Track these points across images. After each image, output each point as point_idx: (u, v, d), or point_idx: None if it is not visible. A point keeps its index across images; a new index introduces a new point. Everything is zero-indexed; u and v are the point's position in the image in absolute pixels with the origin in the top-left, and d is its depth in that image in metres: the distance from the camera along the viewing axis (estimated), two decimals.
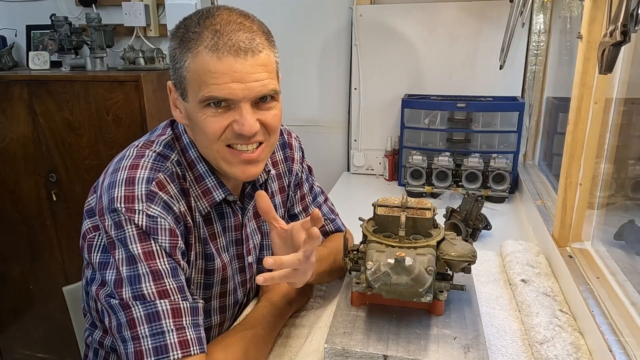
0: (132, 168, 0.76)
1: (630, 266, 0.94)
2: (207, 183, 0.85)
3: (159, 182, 0.76)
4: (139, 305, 0.70)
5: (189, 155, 0.85)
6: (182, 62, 0.75)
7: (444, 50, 1.83)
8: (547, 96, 1.78)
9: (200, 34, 0.74)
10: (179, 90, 0.78)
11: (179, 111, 0.82)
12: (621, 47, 0.69)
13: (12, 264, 2.20)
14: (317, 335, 0.90)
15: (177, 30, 0.77)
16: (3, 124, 2.00)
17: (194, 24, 0.75)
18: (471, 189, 1.66)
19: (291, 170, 1.06)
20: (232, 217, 0.91)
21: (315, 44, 1.98)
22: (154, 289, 0.70)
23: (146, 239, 0.72)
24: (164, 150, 0.82)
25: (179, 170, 0.82)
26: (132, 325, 0.70)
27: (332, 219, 1.13)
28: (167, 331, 0.69)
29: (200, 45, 0.73)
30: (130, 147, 0.83)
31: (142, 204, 0.73)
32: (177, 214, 0.77)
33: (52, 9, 2.18)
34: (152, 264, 0.71)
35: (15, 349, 2.37)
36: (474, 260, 0.84)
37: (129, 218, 0.72)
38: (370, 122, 1.98)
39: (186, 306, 0.72)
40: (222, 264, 0.89)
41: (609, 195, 1.11)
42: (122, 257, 0.72)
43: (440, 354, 0.76)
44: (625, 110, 1.05)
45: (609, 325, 0.80)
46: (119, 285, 0.71)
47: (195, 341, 0.71)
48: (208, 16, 0.75)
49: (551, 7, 1.71)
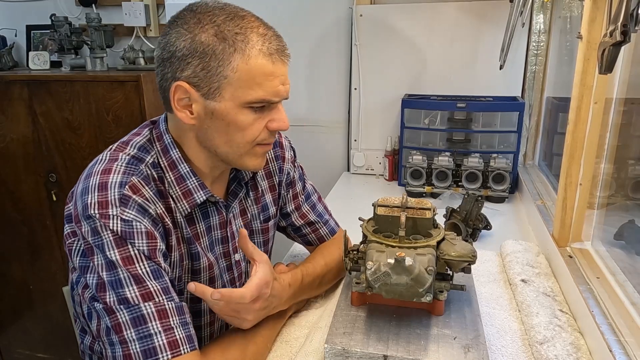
0: (105, 173, 0.75)
1: (630, 266, 0.94)
2: (188, 184, 0.83)
3: (132, 185, 0.75)
4: (123, 309, 0.69)
5: (169, 156, 0.83)
6: (226, 61, 0.74)
7: (444, 50, 1.83)
8: (547, 96, 1.78)
9: (247, 36, 0.74)
10: (205, 88, 0.76)
11: (188, 112, 0.79)
12: (621, 47, 0.69)
13: (12, 264, 2.20)
14: (317, 335, 0.90)
15: (203, 25, 0.74)
16: (3, 124, 2.00)
17: (229, 23, 0.75)
18: (471, 189, 1.66)
19: (282, 169, 1.05)
20: (216, 216, 0.90)
21: (315, 44, 1.98)
22: (137, 293, 0.70)
23: (123, 244, 0.71)
24: (138, 152, 0.81)
25: (154, 173, 0.80)
26: (119, 329, 0.69)
27: (325, 220, 1.12)
28: (154, 333, 0.69)
29: (254, 48, 0.75)
30: (105, 151, 0.82)
31: (116, 208, 0.72)
32: (153, 216, 0.76)
33: (52, 9, 2.18)
34: (131, 269, 0.71)
35: (15, 349, 2.37)
36: (474, 260, 0.84)
37: (104, 224, 0.71)
38: (370, 122, 1.98)
39: (172, 306, 0.72)
40: (209, 263, 0.88)
41: (609, 195, 1.11)
42: (102, 262, 0.71)
43: (440, 354, 0.76)
44: (625, 110, 1.05)
45: (609, 325, 0.80)
46: (101, 290, 0.71)
47: (184, 340, 0.71)
48: (238, 17, 0.76)
49: (551, 7, 1.71)
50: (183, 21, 0.76)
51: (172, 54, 0.76)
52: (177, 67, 0.76)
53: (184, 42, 0.75)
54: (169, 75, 0.78)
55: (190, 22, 0.75)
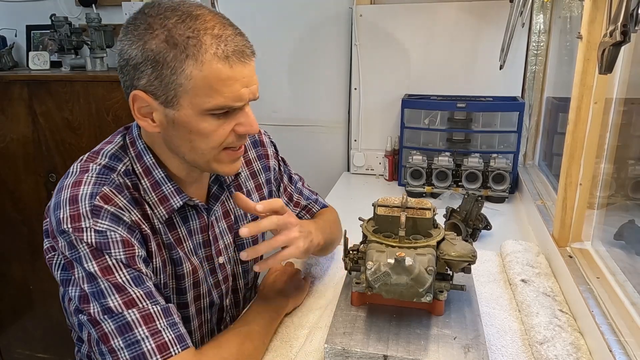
0: (75, 186, 0.74)
1: (630, 266, 0.94)
2: (163, 190, 0.82)
3: (103, 195, 0.74)
4: (107, 319, 0.69)
5: (143, 162, 0.81)
6: (179, 69, 0.70)
7: (444, 50, 1.83)
8: (547, 96, 1.78)
9: (200, 40, 0.70)
10: (162, 97, 0.73)
11: (149, 120, 0.76)
12: (621, 47, 0.69)
13: (12, 264, 2.20)
14: (317, 335, 0.90)
15: (153, 31, 0.70)
16: (3, 124, 2.00)
17: (180, 26, 0.70)
18: (471, 189, 1.66)
19: (267, 167, 1.06)
20: (197, 220, 0.89)
21: (315, 43, 1.98)
22: (120, 301, 0.70)
23: (100, 255, 0.71)
24: (109, 162, 0.80)
25: (127, 181, 0.79)
26: (106, 339, 0.69)
27: (314, 199, 1.17)
28: (141, 339, 0.69)
29: (207, 53, 0.70)
30: (76, 162, 0.81)
31: (88, 220, 0.71)
32: (129, 224, 0.75)
33: (52, 9, 2.18)
34: (111, 279, 0.70)
35: (15, 349, 2.37)
36: (474, 260, 0.84)
37: (78, 237, 0.70)
38: (370, 122, 1.98)
39: (157, 310, 0.71)
40: (193, 268, 0.87)
41: (608, 195, 1.11)
42: (82, 275, 0.71)
43: (440, 354, 0.76)
44: (625, 110, 1.05)
45: (609, 325, 0.80)
46: (85, 302, 0.71)
47: (174, 341, 0.71)
48: (191, 17, 0.71)
49: (551, 7, 1.71)
50: (134, 26, 0.72)
51: (127, 62, 0.73)
52: (133, 76, 0.73)
53: (135, 50, 0.71)
54: (127, 83, 0.75)
55: (141, 27, 0.72)
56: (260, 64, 1.85)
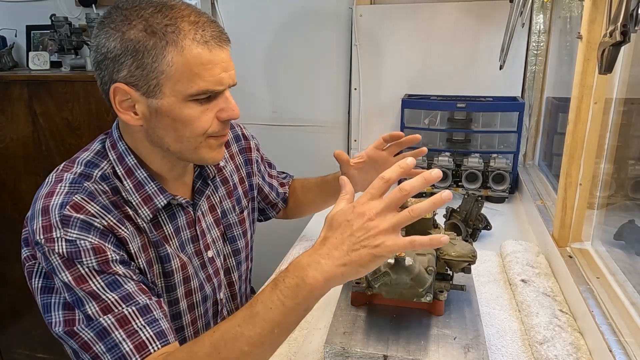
0: (48, 196, 0.75)
1: (630, 266, 0.94)
2: (147, 190, 0.82)
3: (73, 204, 0.74)
4: (85, 327, 0.70)
5: (125, 164, 0.82)
6: (160, 56, 0.71)
7: (444, 50, 1.83)
8: (547, 96, 1.78)
9: (178, 26, 0.71)
10: (144, 87, 0.74)
11: (131, 113, 0.77)
12: (621, 47, 0.69)
13: (12, 264, 2.20)
14: (316, 336, 0.90)
15: (130, 22, 0.72)
16: (3, 124, 2.00)
17: (157, 16, 0.72)
18: (471, 189, 1.66)
19: (249, 160, 1.10)
20: (183, 216, 0.89)
21: (315, 44, 1.98)
22: (97, 308, 0.70)
23: (72, 265, 0.71)
24: (85, 169, 0.80)
25: (104, 186, 0.79)
26: (87, 347, 0.70)
27: (284, 176, 1.27)
28: (119, 342, 0.69)
29: (186, 39, 0.71)
30: (52, 172, 0.81)
31: (58, 230, 0.71)
32: (101, 229, 0.74)
33: (52, 9, 2.18)
34: (85, 287, 0.71)
35: (15, 349, 2.37)
36: (474, 260, 0.84)
37: (49, 248, 0.71)
38: (370, 122, 1.98)
39: (132, 310, 0.71)
40: (182, 264, 0.87)
41: (608, 195, 1.11)
42: (60, 285, 0.72)
43: (440, 354, 0.76)
44: (625, 110, 1.05)
45: (609, 325, 0.80)
46: (68, 309, 0.72)
47: (152, 338, 0.71)
48: (167, 7, 0.73)
49: (551, 7, 1.71)
50: (110, 20, 0.73)
51: (105, 55, 0.74)
52: (113, 69, 0.74)
53: (114, 42, 0.72)
54: (106, 78, 0.76)
55: (117, 20, 0.73)
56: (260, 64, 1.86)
